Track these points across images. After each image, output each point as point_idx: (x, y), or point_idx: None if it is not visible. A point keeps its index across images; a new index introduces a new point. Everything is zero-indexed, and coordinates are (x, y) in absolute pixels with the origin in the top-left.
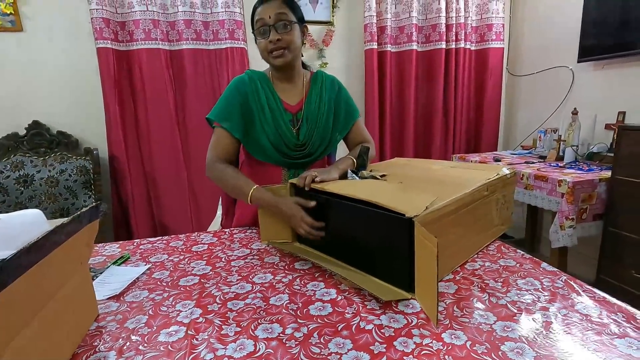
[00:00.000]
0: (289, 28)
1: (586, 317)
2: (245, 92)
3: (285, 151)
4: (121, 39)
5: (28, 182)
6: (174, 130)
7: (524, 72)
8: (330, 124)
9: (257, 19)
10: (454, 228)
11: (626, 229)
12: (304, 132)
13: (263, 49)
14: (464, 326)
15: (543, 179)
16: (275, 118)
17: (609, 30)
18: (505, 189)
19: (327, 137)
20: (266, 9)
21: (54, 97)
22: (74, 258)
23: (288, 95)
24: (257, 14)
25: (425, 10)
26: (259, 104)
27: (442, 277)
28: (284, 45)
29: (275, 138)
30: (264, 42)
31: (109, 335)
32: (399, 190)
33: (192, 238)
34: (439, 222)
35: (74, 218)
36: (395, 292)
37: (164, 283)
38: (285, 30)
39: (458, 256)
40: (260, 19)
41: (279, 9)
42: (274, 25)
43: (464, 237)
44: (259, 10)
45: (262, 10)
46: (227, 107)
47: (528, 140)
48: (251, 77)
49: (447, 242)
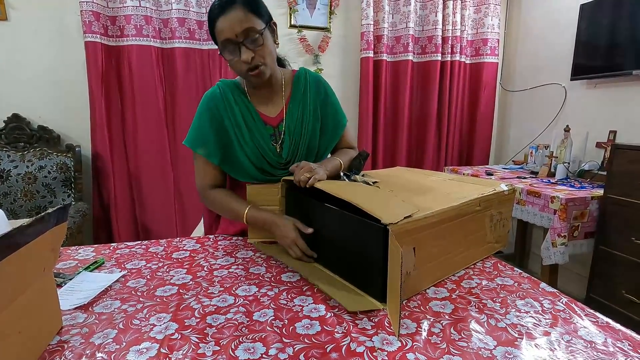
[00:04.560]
0: (260, 41)
1: (591, 344)
2: (217, 110)
3: (269, 170)
4: (111, 33)
5: (4, 177)
6: (161, 131)
7: (517, 88)
8: (317, 135)
9: (219, 35)
10: (436, 240)
11: (617, 248)
12: (287, 148)
13: (237, 70)
14: (463, 351)
15: (536, 195)
16: (254, 136)
17: (601, 50)
18: (502, 206)
19: (314, 150)
20: (229, 24)
21: (37, 90)
22: (35, 264)
23: (266, 105)
24: (217, 28)
25: (422, 22)
26: (234, 120)
27: (420, 290)
28: (260, 62)
29: (255, 158)
30: (236, 61)
31: (71, 351)
32: (385, 197)
33: (174, 244)
34: (419, 233)
35: (37, 219)
36: (367, 302)
37: (138, 293)
38: (257, 45)
39: (441, 270)
40: (225, 38)
41: (244, 22)
42: (242, 42)
43: (450, 251)
44: (218, 23)
45: (224, 24)
46: (200, 132)
47: (519, 156)
48: (223, 90)
49: (428, 254)
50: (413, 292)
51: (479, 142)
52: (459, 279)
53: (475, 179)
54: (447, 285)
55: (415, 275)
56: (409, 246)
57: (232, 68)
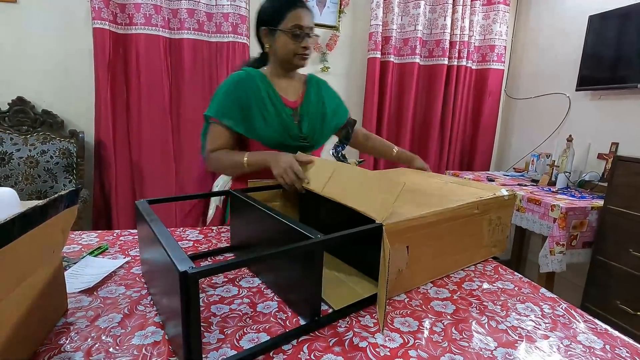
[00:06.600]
0: (314, 39)
1: (589, 349)
2: (244, 91)
3: (290, 143)
4: (120, 21)
5: (5, 160)
6: (166, 121)
7: (522, 96)
8: (329, 118)
9: (294, 20)
10: (432, 240)
11: (614, 259)
12: (306, 125)
13: (291, 50)
14: (464, 350)
15: (536, 202)
16: (278, 112)
17: (608, 62)
18: (502, 210)
19: (329, 130)
20: (306, 16)
21: (43, 74)
22: (46, 244)
23: (287, 92)
24: (294, 16)
25: (430, 25)
26: (260, 98)
27: (413, 287)
28: (309, 52)
29: (279, 130)
30: (295, 45)
31: (77, 333)
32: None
33: (177, 233)
34: (413, 232)
35: (51, 201)
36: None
37: (143, 279)
38: (313, 41)
39: (436, 269)
40: (299, 24)
41: (313, 19)
42: (308, 34)
43: (445, 251)
44: (297, 13)
45: (303, 16)
46: (226, 103)
47: (520, 163)
48: (249, 74)
49: (422, 253)
50: (405, 289)
51: (481, 147)
52: (460, 280)
53: (477, 182)
54: (448, 286)
55: (407, 273)
56: (402, 244)
57: (281, 46)
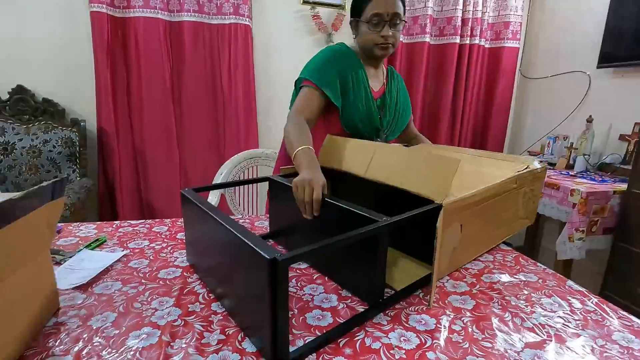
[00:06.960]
0: (399, 27)
1: (627, 350)
2: (345, 62)
3: (367, 133)
4: (118, 4)
5: (8, 150)
6: (168, 107)
7: (538, 75)
8: (403, 116)
9: (374, 7)
10: (478, 217)
11: (637, 245)
12: (387, 120)
13: (370, 39)
14: (487, 352)
15: (554, 187)
16: (368, 97)
17: (631, 38)
18: (534, 183)
19: (401, 127)
20: (386, 4)
21: (42, 61)
22: (29, 241)
23: (372, 80)
24: (373, 5)
25: (441, 2)
26: (357, 80)
27: (464, 264)
28: (391, 42)
29: (364, 118)
30: (374, 35)
31: (67, 334)
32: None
33: (179, 224)
34: (464, 211)
35: (31, 192)
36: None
37: (140, 274)
38: (396, 29)
39: (480, 245)
40: (377, 12)
41: (396, 7)
42: (388, 22)
43: (487, 228)
44: (376, 1)
45: (382, 4)
46: (329, 72)
47: (535, 146)
48: (349, 50)
49: (471, 231)
50: (457, 266)
51: (493, 130)
52: (479, 272)
53: (506, 155)
54: (466, 279)
55: (460, 251)
56: (457, 223)
57: (362, 36)
